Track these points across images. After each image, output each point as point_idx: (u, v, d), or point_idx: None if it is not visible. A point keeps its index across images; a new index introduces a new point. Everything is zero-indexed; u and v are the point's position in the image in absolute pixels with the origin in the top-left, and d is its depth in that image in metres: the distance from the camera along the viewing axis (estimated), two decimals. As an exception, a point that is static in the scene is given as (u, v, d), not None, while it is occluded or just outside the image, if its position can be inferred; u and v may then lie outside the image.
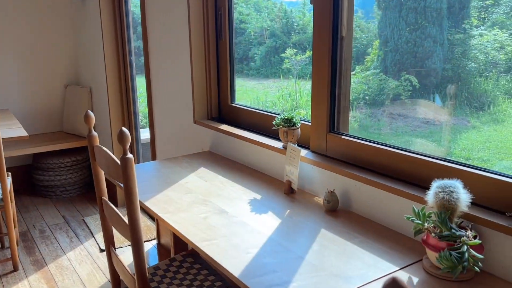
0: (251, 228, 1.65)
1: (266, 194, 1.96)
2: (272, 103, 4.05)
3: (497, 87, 2.36)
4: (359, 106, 3.12)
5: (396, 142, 2.66)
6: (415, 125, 2.59)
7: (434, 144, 2.50)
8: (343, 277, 1.33)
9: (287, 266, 1.39)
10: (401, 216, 1.58)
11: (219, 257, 1.45)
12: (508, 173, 1.37)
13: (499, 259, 1.32)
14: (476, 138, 2.33)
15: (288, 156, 1.97)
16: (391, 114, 2.77)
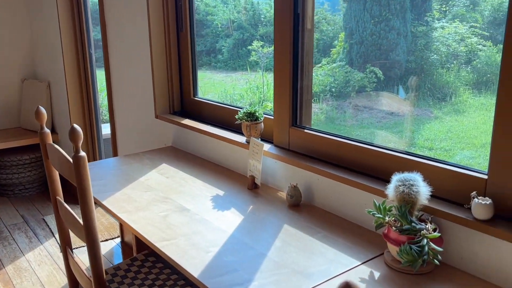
0: (213, 225, 1.61)
1: (229, 189, 1.92)
2: (240, 96, 4.00)
3: (458, 79, 2.39)
4: (326, 98, 3.12)
5: (362, 133, 2.67)
6: (380, 117, 2.60)
7: (399, 135, 2.52)
8: (304, 274, 1.31)
9: (249, 264, 1.36)
10: (363, 210, 1.57)
11: (178, 258, 1.40)
12: (468, 163, 1.38)
13: (458, 251, 1.33)
14: (439, 128, 2.37)
15: (251, 150, 1.93)
16: (357, 106, 2.77)
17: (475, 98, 2.39)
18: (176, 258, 1.40)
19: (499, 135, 1.23)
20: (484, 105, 2.40)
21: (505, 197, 1.25)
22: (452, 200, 1.37)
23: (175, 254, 1.42)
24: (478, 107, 2.37)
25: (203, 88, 3.87)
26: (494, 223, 1.23)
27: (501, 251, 1.23)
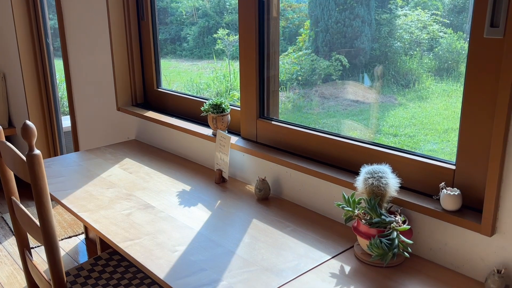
0: (179, 223, 1.55)
1: (195, 184, 1.86)
2: (206, 85, 3.95)
3: (421, 65, 2.41)
4: (293, 87, 3.10)
5: (329, 121, 2.66)
6: (346, 104, 2.61)
7: (364, 123, 2.52)
8: (274, 271, 1.27)
9: (217, 263, 1.31)
10: (332, 202, 1.55)
11: (143, 259, 1.34)
12: (432, 149, 1.36)
13: (427, 242, 1.33)
14: (403, 115, 2.39)
15: (218, 143, 1.87)
16: (323, 94, 2.76)
17: (437, 85, 2.40)
18: (141, 259, 1.34)
19: (466, 126, 1.23)
20: (446, 91, 2.44)
21: (472, 187, 1.24)
22: (421, 191, 1.36)
23: (139, 255, 1.36)
24: (440, 93, 2.39)
25: (168, 77, 3.79)
26: (463, 213, 1.23)
27: (469, 242, 1.23)
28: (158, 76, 2.43)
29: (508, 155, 1.12)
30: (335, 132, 1.62)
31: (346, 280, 1.23)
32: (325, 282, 1.22)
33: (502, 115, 1.09)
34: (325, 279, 1.24)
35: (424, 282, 1.21)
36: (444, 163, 1.32)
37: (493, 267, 1.15)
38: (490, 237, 1.17)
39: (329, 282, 1.23)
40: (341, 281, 1.23)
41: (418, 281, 1.22)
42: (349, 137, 1.57)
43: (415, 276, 1.25)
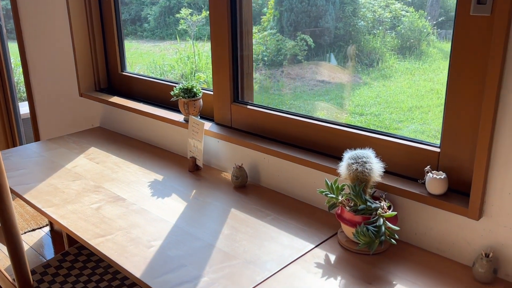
0: (153, 216, 1.46)
1: (168, 173, 1.77)
2: (170, 67, 3.85)
3: (384, 44, 2.41)
4: (259, 68, 3.05)
5: (296, 102, 2.63)
6: (312, 85, 2.62)
7: (331, 103, 2.51)
8: (258, 264, 1.21)
9: (196, 258, 1.24)
10: (313, 189, 1.50)
11: (117, 256, 1.26)
12: (397, 127, 1.33)
13: (412, 227, 1.30)
14: (368, 94, 2.42)
15: (190, 130, 1.78)
16: (289, 74, 2.75)
17: (400, 63, 2.43)
18: (114, 257, 1.25)
19: (451, 106, 1.19)
20: (409, 69, 2.45)
21: (458, 170, 1.22)
22: (405, 175, 1.33)
23: (113, 252, 1.27)
24: (404, 71, 2.42)
25: (130, 59, 3.66)
26: (449, 197, 1.20)
27: (455, 225, 1.21)
28: (122, 59, 2.29)
29: (496, 135, 1.09)
30: (313, 116, 1.57)
31: (332, 270, 1.19)
32: (310, 273, 1.18)
33: (491, 96, 1.06)
34: (311, 269, 1.19)
35: (411, 268, 1.19)
36: (428, 145, 1.29)
37: (481, 251, 1.13)
38: (477, 220, 1.15)
39: (315, 272, 1.18)
40: (327, 271, 1.19)
41: (405, 268, 1.19)
42: (329, 121, 1.51)
43: (402, 262, 1.22)
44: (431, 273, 1.17)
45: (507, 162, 1.09)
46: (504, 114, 1.07)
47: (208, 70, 3.51)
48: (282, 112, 1.62)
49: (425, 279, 1.14)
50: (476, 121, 1.14)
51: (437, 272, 1.17)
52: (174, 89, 1.84)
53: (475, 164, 1.11)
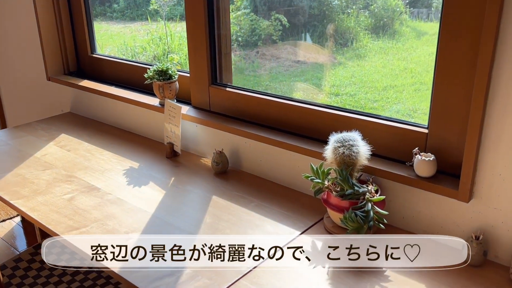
0: (130, 206, 1.39)
1: (145, 160, 1.69)
2: (142, 48, 3.76)
3: (358, 24, 2.37)
4: (233, 48, 2.98)
5: (272, 83, 2.59)
6: (288, 65, 2.54)
7: (307, 83, 2.46)
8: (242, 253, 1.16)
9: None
10: (297, 174, 1.45)
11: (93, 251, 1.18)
12: (372, 107, 1.29)
13: (400, 210, 1.27)
14: (343, 74, 2.38)
15: (167, 114, 1.70)
16: (264, 55, 2.64)
17: (374, 43, 2.39)
18: (90, 251, 1.18)
19: (440, 85, 1.15)
20: (382, 49, 2.43)
21: (447, 151, 1.18)
22: (393, 158, 1.29)
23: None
24: (378, 51, 2.37)
25: (100, 41, 3.54)
26: (438, 179, 1.17)
27: (444, 208, 1.18)
28: (91, 40, 2.18)
29: (488, 115, 1.06)
30: (295, 98, 1.51)
31: (319, 257, 1.15)
32: (296, 261, 1.13)
33: (483, 73, 1.02)
34: (297, 256, 1.15)
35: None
36: (416, 126, 1.25)
37: (471, 233, 1.11)
38: (467, 203, 1.12)
39: (302, 260, 1.13)
40: (315, 258, 1.14)
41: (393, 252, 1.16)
42: (312, 103, 1.46)
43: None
44: (421, 257, 1.14)
45: (498, 142, 1.06)
46: (496, 92, 1.03)
47: (181, 51, 3.42)
48: (263, 94, 1.55)
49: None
50: (466, 100, 1.11)
51: (426, 256, 1.15)
52: (148, 71, 1.74)
53: (466, 144, 1.08)
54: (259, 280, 1.08)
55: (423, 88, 2.21)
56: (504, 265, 1.11)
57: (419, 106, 2.10)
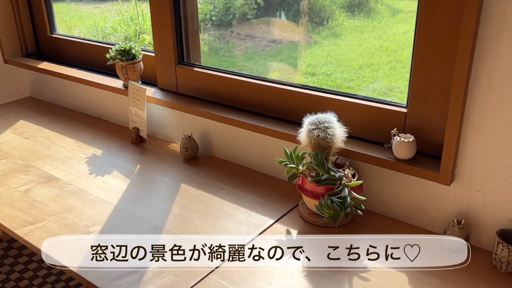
0: (92, 197, 1.29)
1: (108, 147, 1.59)
2: (113, 29, 3.66)
3: (333, 1, 2.34)
4: (207, 28, 2.90)
5: (248, 64, 2.52)
6: (263, 45, 2.50)
7: (283, 63, 2.40)
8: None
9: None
10: (271, 158, 1.37)
11: (50, 247, 1.09)
12: (349, 85, 1.22)
13: (378, 194, 1.20)
14: (319, 53, 2.36)
15: (131, 97, 1.59)
16: (239, 34, 2.60)
17: (349, 21, 2.37)
18: (46, 248, 1.09)
19: (419, 63, 1.08)
20: (358, 27, 2.39)
21: (426, 131, 1.12)
22: (370, 139, 1.22)
23: (44, 242, 1.10)
24: (353, 29, 2.35)
25: (69, 22, 3.40)
26: (418, 161, 1.10)
27: (424, 191, 1.12)
28: (51, 19, 2.03)
29: (470, 93, 0.99)
30: (268, 78, 1.42)
31: (295, 246, 1.08)
32: (271, 252, 1.06)
33: (465, 49, 0.95)
34: (272, 247, 1.08)
35: (380, 239, 1.09)
36: (394, 106, 1.18)
37: (453, 218, 1.05)
38: (449, 186, 1.06)
39: (277, 250, 1.06)
40: (289, 248, 1.07)
41: (373, 239, 1.10)
42: (285, 83, 1.37)
43: (368, 233, 1.13)
44: (400, 243, 1.08)
45: (481, 122, 1.00)
46: (479, 69, 0.97)
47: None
48: (233, 74, 1.46)
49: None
50: (447, 78, 1.04)
51: (407, 243, 1.09)
52: (110, 51, 1.62)
53: (447, 124, 1.01)
54: (230, 275, 1.01)
55: (399, 66, 2.18)
56: (487, 250, 1.06)
57: (395, 84, 2.06)
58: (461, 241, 1.03)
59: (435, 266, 0.99)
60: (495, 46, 0.93)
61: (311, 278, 0.99)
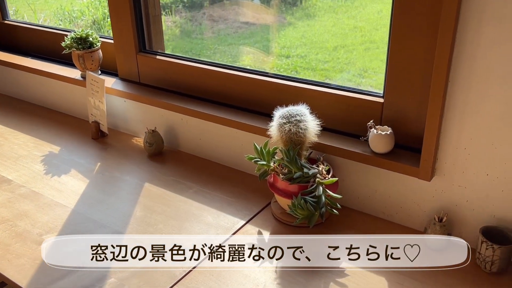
0: (47, 200, 1.18)
1: (66, 143, 1.47)
2: (80, 13, 3.52)
3: None
4: (178, 10, 2.79)
5: (221, 47, 2.44)
6: (236, 27, 2.44)
7: (256, 46, 2.33)
8: (179, 252, 1.00)
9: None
10: (240, 153, 1.28)
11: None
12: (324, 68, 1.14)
13: (354, 190, 1.13)
14: (293, 34, 2.32)
15: (89, 88, 1.48)
16: (212, 16, 2.52)
17: (323, 1, 2.33)
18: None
19: (396, 48, 1.00)
20: (331, 7, 2.34)
21: (404, 121, 1.05)
22: (344, 131, 1.14)
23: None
24: (327, 10, 2.32)
25: (33, 6, 3.27)
26: (396, 155, 1.03)
27: (403, 186, 1.06)
28: (2, 4, 1.87)
29: (452, 81, 0.92)
30: (236, 66, 1.32)
31: (267, 250, 1.00)
32: (242, 257, 0.98)
33: (447, 32, 0.87)
34: (242, 252, 1.00)
35: (359, 240, 1.03)
36: (370, 96, 1.10)
37: (433, 215, 0.99)
38: (429, 181, 1.00)
39: (246, 255, 0.98)
40: (263, 252, 0.99)
41: (352, 239, 1.03)
42: (254, 71, 1.28)
43: (347, 232, 1.06)
44: (379, 241, 1.02)
45: (463, 112, 0.93)
46: (461, 55, 0.89)
47: None
48: (199, 63, 1.35)
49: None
50: (427, 64, 0.96)
51: (388, 241, 1.02)
52: (66, 39, 1.50)
53: (428, 116, 0.94)
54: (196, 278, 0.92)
55: (373, 47, 2.13)
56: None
57: (369, 65, 2.01)
58: (444, 238, 0.97)
59: (416, 267, 0.93)
60: (478, 29, 0.86)
61: (285, 281, 0.92)
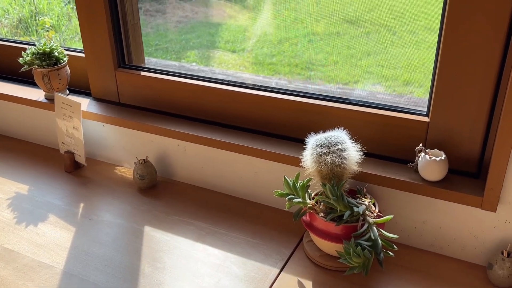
0: (27, 260, 0.95)
1: (35, 180, 1.22)
2: (3, 11, 3.26)
3: None
4: None
5: (161, 42, 2.27)
6: (176, 21, 2.38)
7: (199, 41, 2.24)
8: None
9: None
10: (253, 181, 1.11)
11: None
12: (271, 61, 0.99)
13: (397, 221, 1.00)
14: (236, 28, 2.27)
15: (59, 113, 1.23)
16: (148, 11, 2.43)
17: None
18: None
19: (448, 57, 0.86)
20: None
21: (455, 143, 0.92)
22: (381, 154, 1.00)
23: None
24: (266, 1, 2.27)
25: None
26: (450, 183, 0.91)
27: (458, 216, 0.93)
28: None
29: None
30: (242, 83, 1.13)
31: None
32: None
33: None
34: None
35: (413, 280, 0.89)
36: (411, 114, 0.96)
37: (494, 247, 0.88)
38: (495, 212, 0.88)
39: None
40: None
41: (404, 281, 0.89)
42: (263, 88, 1.10)
43: (396, 273, 0.92)
44: (435, 281, 0.89)
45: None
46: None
47: (52, 11, 3.01)
48: (197, 79, 1.15)
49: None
50: (487, 75, 0.84)
51: (441, 279, 0.90)
52: (24, 55, 1.23)
53: (498, 138, 0.82)
54: None
55: (316, 39, 2.04)
56: (534, 280, 0.90)
57: (315, 58, 1.98)
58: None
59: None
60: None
61: None
